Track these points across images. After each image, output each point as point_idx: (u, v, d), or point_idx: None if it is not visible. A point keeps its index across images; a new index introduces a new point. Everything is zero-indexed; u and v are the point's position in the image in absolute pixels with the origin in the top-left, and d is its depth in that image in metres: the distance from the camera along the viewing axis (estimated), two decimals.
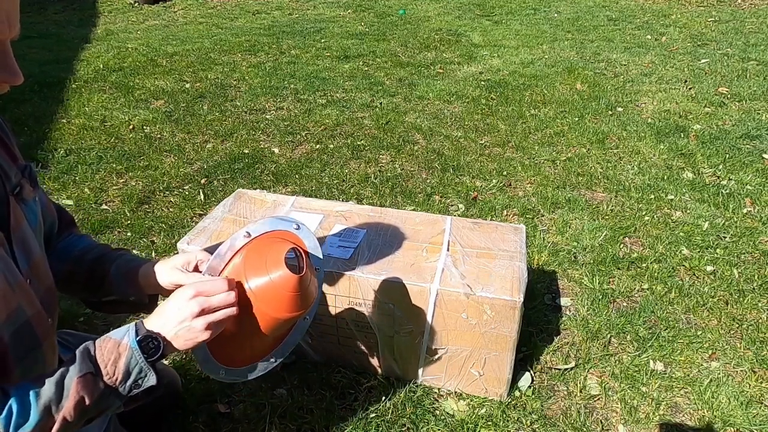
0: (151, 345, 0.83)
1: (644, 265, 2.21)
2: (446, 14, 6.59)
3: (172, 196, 2.69)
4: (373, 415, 1.55)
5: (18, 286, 0.80)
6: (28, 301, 0.83)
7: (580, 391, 1.65)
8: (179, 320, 0.84)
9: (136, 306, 1.08)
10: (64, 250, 1.06)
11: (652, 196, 2.70)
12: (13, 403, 0.74)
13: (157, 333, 0.84)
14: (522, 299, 1.43)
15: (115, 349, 0.81)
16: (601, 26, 5.91)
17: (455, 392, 1.62)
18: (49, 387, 0.76)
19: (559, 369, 1.73)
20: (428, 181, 2.86)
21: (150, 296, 1.07)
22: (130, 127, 3.43)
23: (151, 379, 0.83)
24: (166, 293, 1.06)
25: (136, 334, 0.82)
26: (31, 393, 0.75)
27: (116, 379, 0.81)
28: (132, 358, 0.81)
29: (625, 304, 2.02)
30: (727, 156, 3.07)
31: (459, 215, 2.52)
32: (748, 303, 2.00)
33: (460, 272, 1.50)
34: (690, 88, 4.09)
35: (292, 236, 1.02)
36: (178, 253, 1.26)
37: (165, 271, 0.99)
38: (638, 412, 1.59)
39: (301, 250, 0.98)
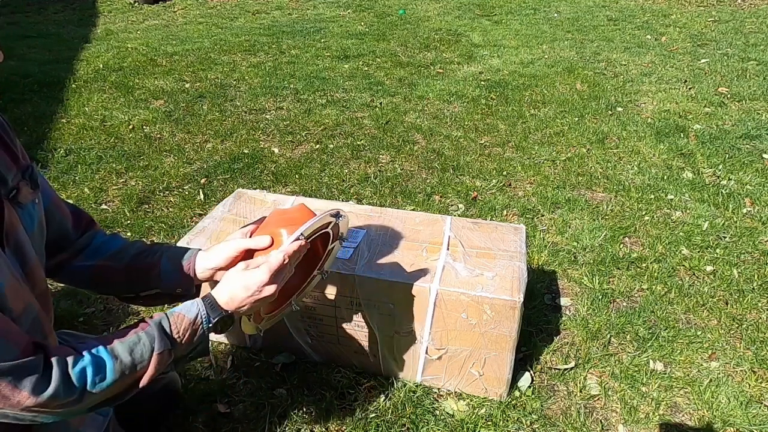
0: (219, 324, 0.95)
1: (644, 265, 2.21)
2: (446, 14, 6.58)
3: (172, 196, 2.69)
4: (373, 415, 1.55)
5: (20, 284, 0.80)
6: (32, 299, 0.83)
7: (580, 391, 1.65)
8: (249, 295, 0.95)
9: (179, 297, 1.09)
10: (99, 248, 1.06)
11: (652, 196, 2.70)
12: (88, 364, 0.79)
13: (226, 311, 0.95)
14: (522, 299, 1.43)
15: (190, 327, 0.91)
16: (601, 26, 5.91)
17: (455, 392, 1.62)
18: (125, 355, 0.83)
19: (559, 369, 1.72)
20: (428, 181, 2.86)
21: (196, 287, 1.09)
22: (130, 127, 3.43)
23: (205, 352, 0.97)
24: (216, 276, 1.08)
25: (208, 316, 0.93)
26: (107, 357, 0.81)
27: (182, 352, 0.92)
28: (201, 334, 0.93)
29: (625, 304, 2.02)
30: (727, 156, 3.07)
31: (459, 215, 2.52)
32: (748, 303, 2.00)
33: (460, 271, 1.50)
34: (690, 88, 4.09)
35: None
36: None
37: (229, 242, 1.05)
38: (638, 412, 1.59)
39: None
